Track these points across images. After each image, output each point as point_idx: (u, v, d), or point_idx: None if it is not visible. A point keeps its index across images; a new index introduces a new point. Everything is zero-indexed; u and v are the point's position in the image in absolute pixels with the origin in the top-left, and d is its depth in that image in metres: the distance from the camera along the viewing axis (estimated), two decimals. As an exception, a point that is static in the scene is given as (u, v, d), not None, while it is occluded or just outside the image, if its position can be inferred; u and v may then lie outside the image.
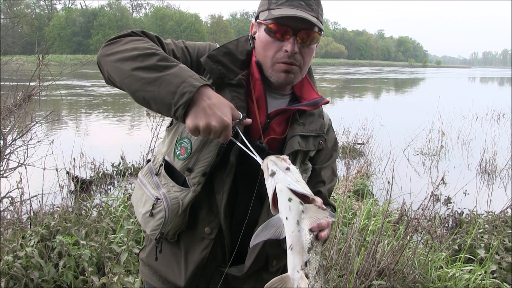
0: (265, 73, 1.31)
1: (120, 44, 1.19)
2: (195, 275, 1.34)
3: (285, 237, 1.02)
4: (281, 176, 1.03)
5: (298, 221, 1.00)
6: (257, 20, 1.30)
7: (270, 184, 1.04)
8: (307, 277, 0.99)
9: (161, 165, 1.33)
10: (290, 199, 1.00)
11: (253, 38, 1.34)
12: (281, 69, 1.26)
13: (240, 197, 1.34)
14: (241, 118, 1.16)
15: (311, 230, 1.01)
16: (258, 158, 1.15)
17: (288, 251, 1.01)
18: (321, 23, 1.27)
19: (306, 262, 0.99)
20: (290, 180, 1.02)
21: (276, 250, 1.37)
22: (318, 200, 1.06)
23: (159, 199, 1.29)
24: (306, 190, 1.03)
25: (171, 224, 1.30)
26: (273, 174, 1.04)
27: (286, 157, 1.09)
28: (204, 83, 1.10)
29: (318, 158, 1.44)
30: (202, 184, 1.28)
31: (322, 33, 1.29)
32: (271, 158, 1.08)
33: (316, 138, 1.39)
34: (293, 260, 1.00)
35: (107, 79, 1.23)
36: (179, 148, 1.29)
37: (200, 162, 1.27)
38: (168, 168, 1.33)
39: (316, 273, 1.00)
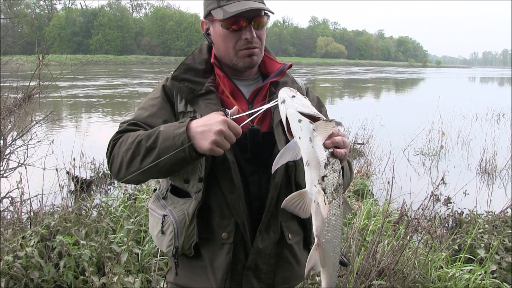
0: (229, 63, 1.40)
1: (116, 158, 1.31)
2: (225, 281, 1.38)
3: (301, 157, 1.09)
4: (289, 102, 1.11)
5: (310, 138, 1.06)
6: (210, 18, 1.39)
7: (282, 111, 1.13)
8: (324, 192, 1.03)
9: (167, 190, 1.42)
10: (300, 120, 1.07)
11: (208, 35, 1.43)
12: (245, 55, 1.38)
13: (252, 186, 1.38)
14: (225, 113, 1.24)
15: (325, 147, 1.06)
16: (275, 101, 1.22)
17: (305, 168, 1.06)
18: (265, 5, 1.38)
19: (323, 177, 1.04)
20: (297, 105, 1.10)
21: (289, 222, 1.44)
22: (338, 132, 1.12)
23: (166, 215, 1.36)
24: (312, 111, 1.09)
25: (182, 236, 1.34)
26: (283, 101, 1.13)
27: (294, 89, 1.18)
28: (186, 124, 1.21)
29: None
30: (203, 190, 1.33)
31: (273, 13, 1.40)
32: (283, 88, 1.19)
33: None
34: (310, 175, 1.05)
35: (142, 182, 1.41)
36: None
37: (193, 169, 1.33)
38: (174, 191, 1.42)
39: (334, 190, 1.04)
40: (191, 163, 1.27)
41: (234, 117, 1.25)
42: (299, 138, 1.07)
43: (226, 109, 1.26)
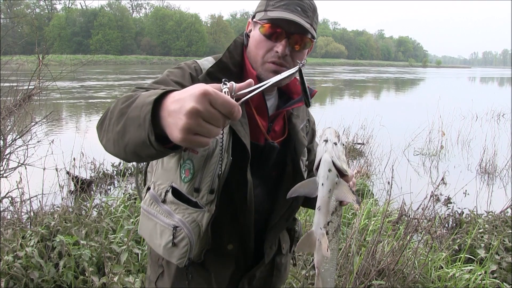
0: (255, 70, 1.30)
1: (106, 119, 1.05)
2: None
3: (315, 197, 1.15)
4: (330, 147, 1.15)
5: (330, 189, 1.14)
6: (254, 20, 1.30)
7: (320, 148, 1.17)
8: (327, 233, 1.16)
9: (167, 191, 1.26)
10: (330, 170, 1.13)
11: (248, 36, 1.34)
12: (271, 69, 1.25)
13: (256, 199, 1.33)
14: (223, 82, 0.87)
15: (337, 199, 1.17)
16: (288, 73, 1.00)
17: (316, 211, 1.15)
18: (315, 30, 1.28)
19: (328, 222, 1.16)
20: (334, 153, 1.15)
21: (283, 233, 1.52)
22: (353, 181, 1.19)
23: (177, 227, 1.23)
24: (343, 166, 1.16)
25: (196, 247, 1.26)
26: (326, 141, 1.16)
27: (339, 134, 1.20)
28: (161, 92, 0.84)
29: (307, 139, 1.56)
30: (215, 203, 1.22)
31: (315, 40, 1.30)
32: (330, 128, 1.19)
33: (305, 124, 1.50)
34: (318, 219, 1.15)
35: (119, 158, 1.07)
36: (183, 172, 1.23)
37: (205, 179, 1.21)
38: (175, 193, 1.26)
39: (334, 231, 1.20)
40: (159, 152, 0.88)
41: (241, 92, 0.87)
42: (322, 184, 1.13)
43: (227, 81, 0.87)
